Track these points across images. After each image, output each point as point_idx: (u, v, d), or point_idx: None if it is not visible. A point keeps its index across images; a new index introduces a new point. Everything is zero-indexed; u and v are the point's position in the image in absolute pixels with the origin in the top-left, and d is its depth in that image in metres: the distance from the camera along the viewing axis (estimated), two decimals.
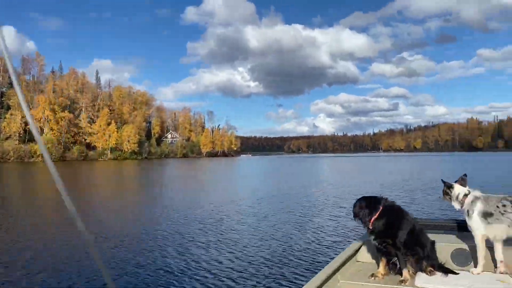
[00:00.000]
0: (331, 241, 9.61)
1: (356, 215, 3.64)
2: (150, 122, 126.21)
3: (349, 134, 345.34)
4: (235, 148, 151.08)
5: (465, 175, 3.78)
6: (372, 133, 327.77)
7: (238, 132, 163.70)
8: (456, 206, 3.67)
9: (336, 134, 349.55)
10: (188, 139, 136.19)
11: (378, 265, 3.63)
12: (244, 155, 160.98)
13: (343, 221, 12.08)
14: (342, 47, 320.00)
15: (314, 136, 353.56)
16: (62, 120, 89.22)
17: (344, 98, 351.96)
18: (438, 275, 3.45)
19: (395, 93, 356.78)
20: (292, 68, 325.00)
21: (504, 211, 3.37)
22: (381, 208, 3.55)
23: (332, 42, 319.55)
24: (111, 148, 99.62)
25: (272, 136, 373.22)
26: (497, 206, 3.41)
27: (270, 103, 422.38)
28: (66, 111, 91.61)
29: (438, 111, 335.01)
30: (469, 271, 3.53)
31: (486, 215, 3.44)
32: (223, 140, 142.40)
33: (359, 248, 4.04)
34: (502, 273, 3.43)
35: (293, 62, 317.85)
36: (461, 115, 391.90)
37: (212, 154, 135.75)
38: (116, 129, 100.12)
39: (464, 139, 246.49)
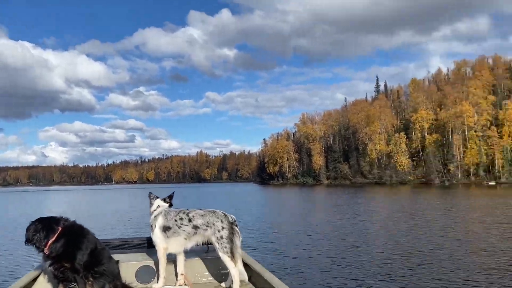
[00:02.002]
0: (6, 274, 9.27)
1: (29, 240, 3.18)
2: None
3: (81, 165, 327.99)
4: None
5: (173, 192, 3.89)
6: (106, 164, 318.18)
7: None
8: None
9: (68, 164, 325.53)
10: None
11: None
12: None
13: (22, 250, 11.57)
14: (77, 73, 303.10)
15: (40, 166, 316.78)
16: None
17: (79, 127, 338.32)
18: None
19: (132, 125, 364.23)
20: (17, 89, 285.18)
21: (181, 224, 3.52)
22: (60, 229, 3.22)
23: (67, 66, 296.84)
24: None
25: None
26: (175, 220, 3.53)
27: None
28: None
29: (172, 145, 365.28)
30: (152, 287, 3.60)
31: (165, 229, 3.54)
32: None
33: (36, 278, 3.51)
34: (181, 285, 3.58)
35: (19, 82, 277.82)
36: (191, 149, 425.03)
37: None
38: None
39: (194, 171, 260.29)
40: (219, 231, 3.44)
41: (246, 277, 3.52)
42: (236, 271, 3.40)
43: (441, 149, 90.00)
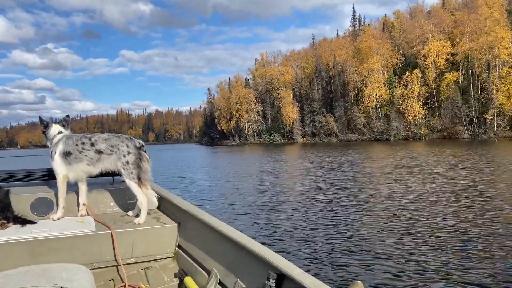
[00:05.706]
0: None
1: None
2: None
3: None
4: None
5: (68, 116, 3.54)
6: (9, 127, 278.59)
7: None
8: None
9: None
10: None
11: None
12: None
13: None
14: None
15: None
16: None
17: None
18: (14, 227, 3.04)
19: (41, 85, 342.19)
20: None
21: (83, 148, 3.25)
22: None
23: None
24: None
25: None
26: (76, 145, 3.26)
27: None
28: None
29: (86, 106, 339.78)
30: (50, 218, 3.33)
31: (66, 154, 3.26)
32: None
33: None
34: (83, 215, 3.36)
35: None
36: (108, 111, 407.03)
37: None
38: None
39: (114, 132, 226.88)
40: (124, 156, 3.21)
41: (155, 204, 3.40)
42: (144, 198, 3.20)
43: (461, 93, 68.22)
